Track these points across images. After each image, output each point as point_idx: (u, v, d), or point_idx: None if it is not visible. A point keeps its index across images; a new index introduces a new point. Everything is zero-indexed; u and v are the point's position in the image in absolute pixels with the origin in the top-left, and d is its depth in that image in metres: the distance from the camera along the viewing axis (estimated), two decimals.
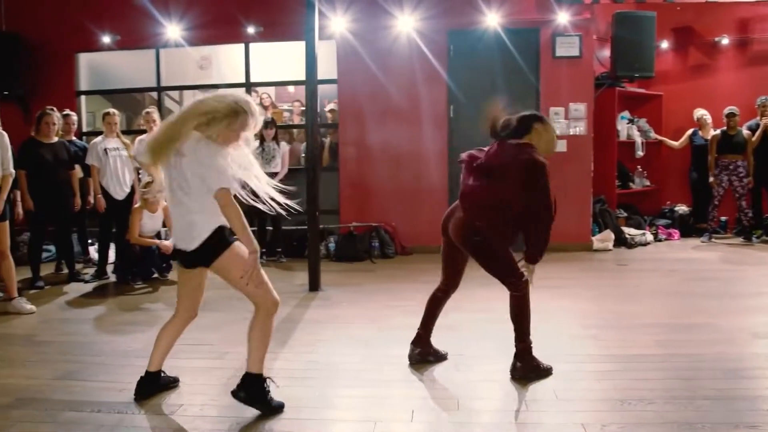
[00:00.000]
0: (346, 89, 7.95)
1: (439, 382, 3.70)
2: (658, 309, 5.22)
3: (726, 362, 3.82)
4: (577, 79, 7.73)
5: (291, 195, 3.37)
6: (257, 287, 3.20)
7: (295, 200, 3.40)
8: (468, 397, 3.44)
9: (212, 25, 7.86)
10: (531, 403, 3.35)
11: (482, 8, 7.49)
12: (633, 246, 8.11)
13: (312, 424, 3.17)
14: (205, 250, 3.15)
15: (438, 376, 3.80)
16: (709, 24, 9.08)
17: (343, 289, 6.21)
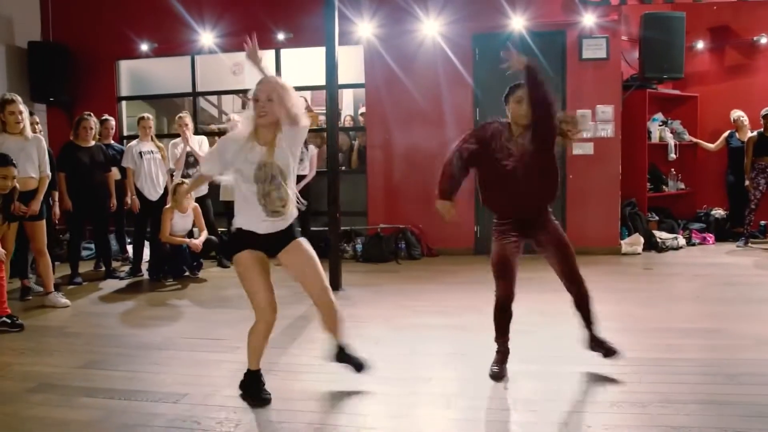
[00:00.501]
0: (373, 93, 8.08)
1: (433, 381, 3.78)
2: (675, 313, 5.18)
3: (727, 367, 3.78)
4: (605, 81, 7.68)
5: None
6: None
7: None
8: (457, 395, 3.52)
9: (243, 32, 7.98)
10: (519, 402, 3.40)
11: (507, 11, 7.51)
12: (663, 250, 8.00)
13: (297, 415, 3.30)
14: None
15: (433, 374, 3.88)
16: (746, 23, 8.88)
17: (364, 289, 6.33)
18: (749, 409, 3.18)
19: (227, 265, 7.55)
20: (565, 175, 7.63)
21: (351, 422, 3.17)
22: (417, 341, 4.48)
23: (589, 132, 7.66)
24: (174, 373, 3.97)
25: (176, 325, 5.22)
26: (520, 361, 3.84)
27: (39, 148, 5.74)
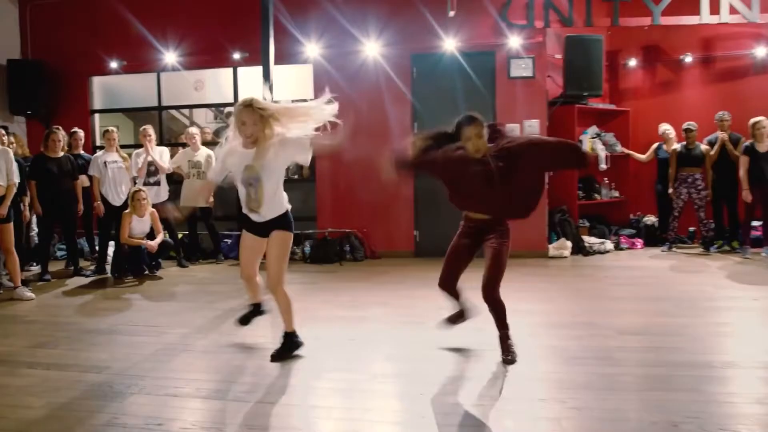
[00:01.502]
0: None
1: (308, 358, 4.47)
2: (563, 308, 5.84)
3: (569, 351, 4.47)
4: (531, 98, 8.39)
5: None
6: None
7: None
8: (331, 369, 4.21)
9: (204, 52, 8.85)
10: (381, 376, 4.09)
11: (441, 34, 8.23)
12: (590, 254, 8.67)
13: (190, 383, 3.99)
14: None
15: (317, 355, 4.57)
16: (674, 43, 9.60)
17: (299, 286, 7.00)
18: (564, 384, 3.86)
19: (186, 265, 8.26)
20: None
21: (225, 386, 3.87)
22: (319, 328, 5.15)
23: None
24: (107, 351, 4.66)
25: (122, 315, 5.91)
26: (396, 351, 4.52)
27: (6, 159, 6.46)
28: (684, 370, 3.95)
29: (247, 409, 3.47)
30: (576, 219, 9.06)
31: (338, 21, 8.37)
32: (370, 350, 4.58)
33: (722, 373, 3.91)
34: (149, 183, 8.19)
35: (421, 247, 8.68)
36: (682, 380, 3.79)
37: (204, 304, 6.17)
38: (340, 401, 3.62)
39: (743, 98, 9.16)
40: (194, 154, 8.52)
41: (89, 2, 9.26)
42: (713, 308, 5.68)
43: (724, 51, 9.39)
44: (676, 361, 4.15)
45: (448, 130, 4.32)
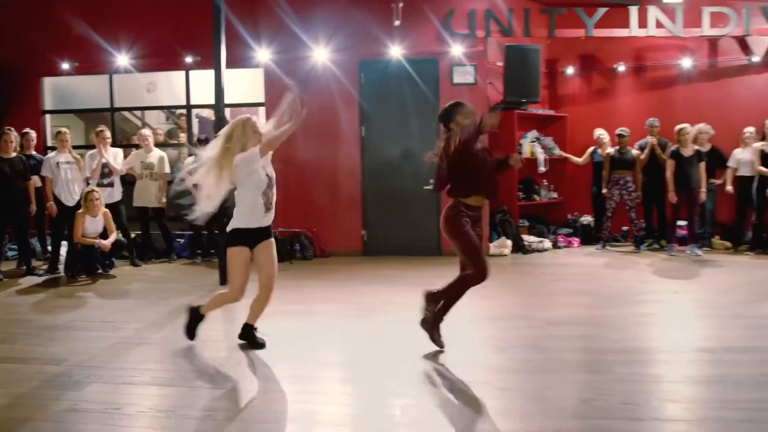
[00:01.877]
0: (273, 111, 9.01)
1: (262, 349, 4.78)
2: (499, 302, 6.25)
3: (502, 340, 4.88)
4: (473, 104, 8.52)
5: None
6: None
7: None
8: (282, 358, 4.52)
9: (156, 55, 9.02)
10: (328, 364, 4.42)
11: (387, 42, 8.59)
12: (529, 252, 9.16)
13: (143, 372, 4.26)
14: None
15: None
16: (609, 53, 10.15)
17: (249, 284, 7.26)
18: (481, 362, 4.26)
19: (138, 264, 8.43)
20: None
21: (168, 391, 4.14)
22: (271, 323, 5.42)
23: None
24: (64, 346, 4.87)
25: (78, 311, 6.10)
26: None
27: None
28: (606, 356, 4.40)
29: (202, 394, 3.76)
30: (516, 219, 9.52)
31: (288, 27, 8.63)
32: (318, 342, 4.90)
33: (638, 357, 4.37)
34: (102, 184, 8.32)
35: (369, 246, 9.02)
36: (603, 364, 4.24)
37: (157, 300, 6.39)
38: (291, 387, 3.93)
39: (671, 106, 9.77)
40: (147, 155, 8.69)
41: (41, 3, 9.29)
42: (639, 301, 6.18)
43: (654, 61, 9.99)
44: (600, 347, 4.60)
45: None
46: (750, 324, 5.22)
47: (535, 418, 3.36)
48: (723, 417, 3.32)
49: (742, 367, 4.12)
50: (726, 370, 4.05)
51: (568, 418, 3.37)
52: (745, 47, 9.55)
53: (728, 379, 3.86)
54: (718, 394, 3.68)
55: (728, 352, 4.45)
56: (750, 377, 3.90)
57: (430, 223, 8.93)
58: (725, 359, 4.29)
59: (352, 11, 8.64)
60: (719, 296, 6.36)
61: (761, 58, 9.46)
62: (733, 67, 9.64)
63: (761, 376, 3.93)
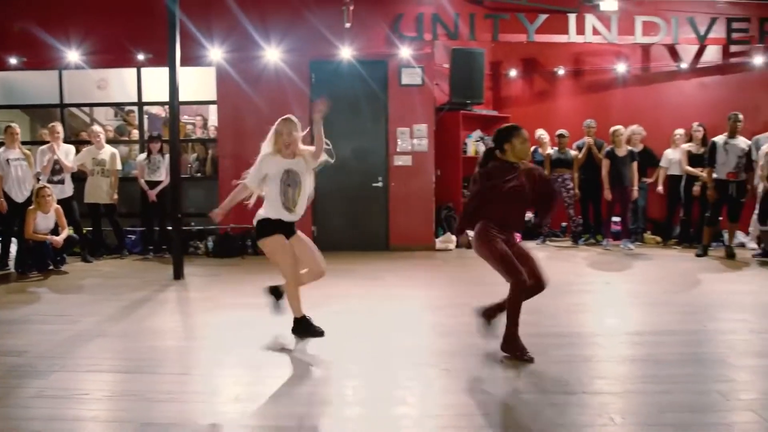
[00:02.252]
0: (225, 109, 9.21)
1: (211, 337, 4.99)
2: (444, 293, 6.61)
3: (445, 327, 5.21)
4: (421, 104, 9.17)
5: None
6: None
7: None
8: (233, 347, 4.74)
9: (107, 51, 9.05)
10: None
11: (337, 43, 8.85)
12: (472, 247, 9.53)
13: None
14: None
15: (224, 334, 5.09)
16: (549, 57, 10.64)
17: (203, 278, 7.46)
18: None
19: (90, 260, 8.47)
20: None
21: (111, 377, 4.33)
22: (224, 314, 5.65)
23: (409, 147, 9.16)
24: (23, 339, 4.95)
25: (32, 306, 6.16)
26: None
27: None
28: (542, 340, 4.75)
29: (164, 380, 3.96)
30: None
31: (241, 27, 8.80)
32: (270, 330, 5.09)
33: (571, 341, 4.76)
34: (53, 181, 8.33)
35: (319, 242, 9.16)
36: (539, 347, 4.57)
37: (111, 295, 6.49)
38: (243, 371, 4.16)
39: (607, 108, 10.33)
40: (98, 152, 8.73)
41: None
42: (574, 291, 6.59)
43: (591, 66, 10.51)
44: (536, 333, 4.94)
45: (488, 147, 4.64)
46: (675, 310, 5.69)
47: (477, 394, 3.69)
48: (643, 390, 3.72)
49: (665, 347, 4.53)
50: (650, 350, 4.47)
51: (506, 394, 3.71)
52: (674, 54, 10.16)
53: (651, 358, 4.28)
54: (642, 370, 4.08)
55: (653, 335, 4.88)
56: (671, 356, 4.32)
57: (379, 219, 9.28)
58: (650, 341, 4.70)
59: (304, 13, 8.87)
60: (648, 286, 6.87)
61: (689, 65, 10.08)
62: (664, 72, 10.25)
63: (680, 354, 4.36)
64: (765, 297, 6.37)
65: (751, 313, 5.75)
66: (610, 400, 3.56)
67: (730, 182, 8.50)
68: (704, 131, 9.37)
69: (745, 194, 8.59)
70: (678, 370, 4.07)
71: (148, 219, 8.89)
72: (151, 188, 8.71)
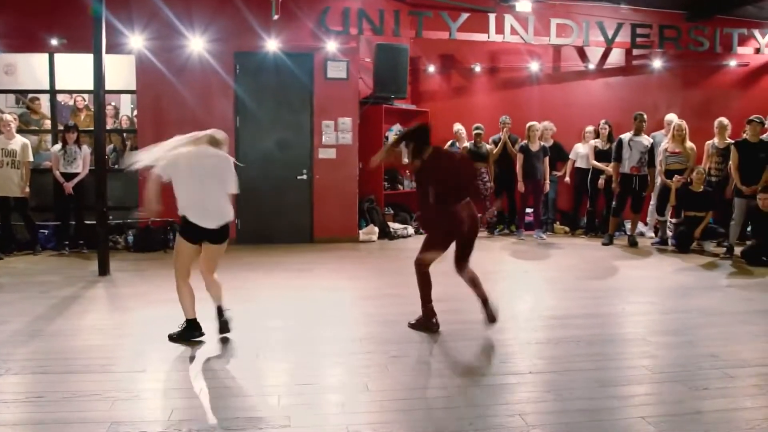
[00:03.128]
0: (145, 99, 8.96)
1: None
2: (372, 284, 6.78)
3: (384, 316, 5.39)
4: (345, 97, 9.28)
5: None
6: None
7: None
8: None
9: (15, 35, 8.58)
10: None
11: (264, 35, 8.81)
12: (395, 238, 9.78)
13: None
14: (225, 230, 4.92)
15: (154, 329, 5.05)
16: (466, 54, 10.98)
17: (130, 274, 7.28)
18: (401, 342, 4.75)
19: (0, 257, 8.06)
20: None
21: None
22: (155, 310, 5.58)
23: (333, 140, 9.26)
24: None
25: None
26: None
27: None
28: (474, 326, 5.02)
29: (116, 378, 3.92)
30: (382, 207, 10.11)
31: (163, 14, 8.58)
32: (211, 324, 5.08)
33: (502, 326, 5.04)
34: None
35: (243, 235, 9.20)
36: (474, 332, 4.87)
37: (37, 293, 6.23)
38: (168, 365, 4.21)
39: (522, 104, 10.80)
40: (8, 142, 8.27)
41: None
42: (492, 279, 6.86)
43: (507, 64, 10.94)
44: (465, 319, 5.21)
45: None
46: (590, 295, 6.17)
47: (425, 376, 3.90)
48: (580, 368, 4.06)
49: (588, 329, 4.93)
50: (575, 332, 4.85)
51: (456, 376, 3.95)
52: (583, 56, 10.77)
53: (579, 339, 4.65)
54: (574, 350, 4.43)
55: (575, 318, 5.30)
56: (595, 337, 4.72)
57: (303, 211, 9.33)
58: (573, 324, 5.10)
59: (230, 2, 8.74)
60: (563, 273, 7.35)
61: (596, 66, 10.72)
62: (574, 72, 10.84)
63: (603, 335, 4.78)
64: (668, 281, 7.00)
65: (657, 296, 6.34)
66: (553, 378, 3.87)
67: (633, 176, 9.16)
68: (609, 128, 10.03)
69: (646, 187, 9.26)
70: (604, 348, 4.46)
71: (64, 212, 8.51)
72: (67, 180, 8.36)
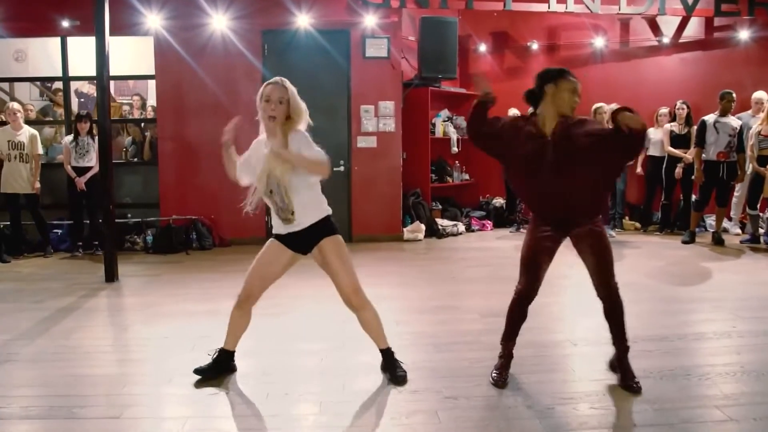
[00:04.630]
0: (165, 85, 8.10)
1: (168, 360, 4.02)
2: (423, 292, 5.76)
3: (444, 337, 4.36)
4: (386, 79, 8.24)
5: None
6: None
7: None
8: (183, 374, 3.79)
9: (24, 18, 7.81)
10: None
11: (293, 10, 7.85)
12: (444, 236, 8.73)
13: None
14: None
15: (170, 356, 4.11)
16: (521, 30, 9.87)
17: (140, 279, 6.41)
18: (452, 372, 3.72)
19: (7, 260, 7.31)
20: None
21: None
22: (167, 326, 4.68)
23: (371, 126, 8.25)
24: None
25: None
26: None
27: None
28: (550, 350, 3.97)
29: (88, 427, 2.99)
30: (429, 202, 9.08)
31: None
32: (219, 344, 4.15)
33: (583, 351, 3.97)
34: None
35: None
36: (551, 360, 3.80)
37: (30, 304, 5.41)
38: (194, 410, 3.22)
39: (584, 85, 9.54)
40: (15, 133, 7.51)
41: None
42: (568, 287, 5.77)
43: (567, 40, 9.78)
44: (543, 341, 4.16)
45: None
46: (683, 309, 5.00)
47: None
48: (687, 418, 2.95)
49: (690, 357, 3.80)
50: (675, 361, 3.72)
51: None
52: (655, 28, 9.50)
53: (684, 372, 3.52)
54: (691, 389, 3.32)
55: (668, 341, 4.15)
56: (697, 368, 3.58)
57: (341, 207, 8.33)
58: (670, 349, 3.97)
59: None
60: (643, 278, 6.15)
61: (670, 40, 9.44)
62: (644, 47, 9.59)
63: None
64: None
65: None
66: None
67: (720, 163, 7.88)
68: (688, 109, 8.77)
69: (735, 176, 7.99)
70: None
71: (77, 211, 7.71)
72: (79, 175, 7.55)
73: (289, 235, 3.45)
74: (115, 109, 9.34)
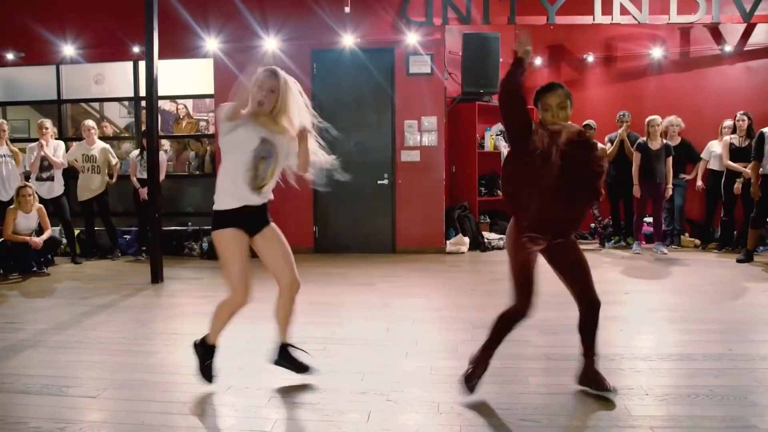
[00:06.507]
0: (222, 103, 8.68)
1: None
2: (443, 304, 5.92)
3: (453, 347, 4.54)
4: (429, 94, 8.46)
5: None
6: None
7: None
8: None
9: (103, 45, 8.68)
10: None
11: (340, 30, 8.25)
12: (488, 249, 8.79)
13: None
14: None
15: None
16: (577, 42, 9.81)
17: (186, 283, 6.96)
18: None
19: (78, 262, 8.11)
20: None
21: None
22: (184, 324, 5.12)
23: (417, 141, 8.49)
24: None
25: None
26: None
27: None
28: (562, 363, 4.04)
29: (98, 405, 3.41)
30: (476, 215, 9.16)
31: (238, 15, 8.31)
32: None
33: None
34: (42, 178, 8.03)
35: (320, 243, 8.70)
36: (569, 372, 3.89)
37: (77, 300, 6.05)
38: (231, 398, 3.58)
39: (641, 98, 9.41)
40: (89, 147, 8.37)
41: None
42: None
43: (624, 51, 9.62)
44: (562, 354, 4.20)
45: None
46: (691, 329, 4.87)
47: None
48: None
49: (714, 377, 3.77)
50: (695, 380, 3.70)
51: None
52: (717, 36, 9.17)
53: (693, 392, 3.52)
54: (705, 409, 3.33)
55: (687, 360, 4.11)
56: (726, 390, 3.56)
57: (385, 219, 8.64)
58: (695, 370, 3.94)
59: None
60: (670, 297, 6.00)
61: (733, 48, 9.08)
62: (706, 57, 9.27)
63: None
64: None
65: None
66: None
67: None
68: (749, 121, 8.39)
69: None
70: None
71: (143, 218, 8.46)
72: (143, 186, 8.30)
73: (244, 210, 3.57)
74: (192, 125, 10.09)
